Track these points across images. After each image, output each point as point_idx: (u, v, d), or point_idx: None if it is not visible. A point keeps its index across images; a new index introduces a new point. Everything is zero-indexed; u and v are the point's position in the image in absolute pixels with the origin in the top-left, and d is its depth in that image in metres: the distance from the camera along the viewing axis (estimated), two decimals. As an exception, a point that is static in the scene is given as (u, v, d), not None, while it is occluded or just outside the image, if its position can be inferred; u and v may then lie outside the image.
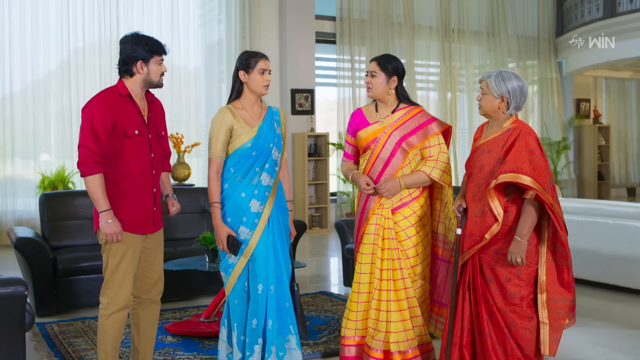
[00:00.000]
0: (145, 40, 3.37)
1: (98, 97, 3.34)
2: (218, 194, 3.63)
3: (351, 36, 11.12)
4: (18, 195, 8.90)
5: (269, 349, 3.58)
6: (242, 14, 10.24)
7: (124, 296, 3.39)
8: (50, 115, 9.16)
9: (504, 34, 12.54)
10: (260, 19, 10.45)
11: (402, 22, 11.54)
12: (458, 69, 12.25)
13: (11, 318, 3.40)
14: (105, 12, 9.39)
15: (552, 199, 3.22)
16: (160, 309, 5.23)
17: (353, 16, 11.12)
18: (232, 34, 10.26)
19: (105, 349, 3.40)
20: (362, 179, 3.75)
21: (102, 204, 3.28)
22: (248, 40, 10.28)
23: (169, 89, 9.82)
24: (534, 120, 13.21)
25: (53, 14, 9.13)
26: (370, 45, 11.26)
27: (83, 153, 3.27)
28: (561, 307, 3.32)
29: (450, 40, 12.05)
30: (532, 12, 12.97)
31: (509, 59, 12.74)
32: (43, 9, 9.08)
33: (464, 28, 12.20)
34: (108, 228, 3.29)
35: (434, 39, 11.94)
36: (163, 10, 9.89)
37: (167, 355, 4.23)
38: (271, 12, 10.56)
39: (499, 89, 3.37)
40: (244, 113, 3.70)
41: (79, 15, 9.24)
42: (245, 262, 3.62)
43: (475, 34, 12.36)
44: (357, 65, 11.23)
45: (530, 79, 13.26)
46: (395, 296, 3.70)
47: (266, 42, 10.50)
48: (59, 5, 9.13)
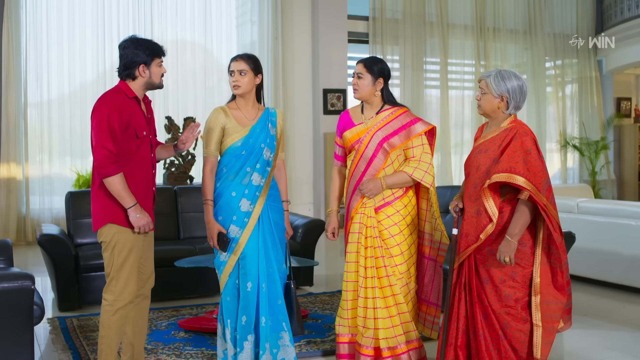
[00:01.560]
0: (146, 44, 3.47)
1: (109, 98, 3.42)
2: (211, 191, 3.75)
3: (384, 36, 11.11)
4: (55, 194, 9.18)
5: (263, 345, 3.66)
6: (274, 15, 10.33)
7: (130, 292, 3.50)
8: (86, 118, 9.42)
9: (541, 32, 12.34)
10: (293, 20, 10.53)
11: (435, 21, 11.47)
12: (493, 67, 12.10)
13: (19, 311, 3.54)
14: (140, 16, 9.61)
15: (546, 200, 3.20)
16: (178, 306, 5.43)
17: (386, 16, 11.11)
18: (265, 35, 10.37)
19: (110, 344, 3.50)
20: (330, 227, 3.99)
21: (128, 200, 3.40)
22: (280, 41, 10.38)
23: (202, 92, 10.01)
24: (573, 120, 12.97)
25: (89, 19, 9.39)
26: (404, 45, 11.24)
27: (102, 154, 3.33)
28: (554, 310, 3.29)
29: (486, 39, 11.92)
30: (570, 10, 12.72)
31: (546, 58, 12.53)
32: (79, 12, 9.34)
33: (499, 26, 12.06)
34: (140, 221, 3.43)
35: (469, 37, 11.83)
36: (197, 13, 10.06)
37: (175, 350, 4.33)
38: (304, 13, 10.63)
39: (499, 89, 3.36)
40: (238, 113, 3.80)
41: (114, 20, 9.48)
42: (236, 260, 3.72)
43: (511, 32, 12.20)
44: (390, 65, 11.15)
45: (570, 77, 13.02)
46: (381, 293, 3.76)
47: (298, 42, 10.59)
48: (94, 10, 9.39)
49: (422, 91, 11.44)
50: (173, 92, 9.87)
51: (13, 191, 8.92)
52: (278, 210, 3.87)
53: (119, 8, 9.51)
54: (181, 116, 9.49)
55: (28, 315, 3.58)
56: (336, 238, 4.02)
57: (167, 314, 5.19)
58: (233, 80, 3.76)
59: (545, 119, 12.51)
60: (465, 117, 11.96)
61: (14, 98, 8.87)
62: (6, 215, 8.87)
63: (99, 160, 3.34)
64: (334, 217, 4.03)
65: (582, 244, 6.08)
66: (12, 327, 3.54)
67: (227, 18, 10.42)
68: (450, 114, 11.75)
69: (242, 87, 3.76)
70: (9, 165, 8.89)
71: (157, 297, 5.59)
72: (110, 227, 3.44)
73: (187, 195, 6.43)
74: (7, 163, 8.88)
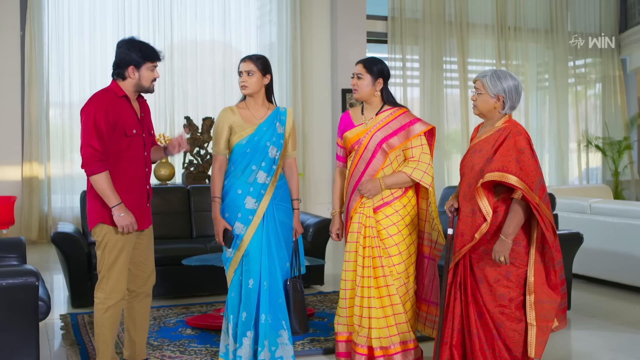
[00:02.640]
0: (139, 47, 3.53)
1: (97, 97, 3.49)
2: (219, 189, 3.85)
3: (403, 35, 11.10)
4: (76, 192, 9.33)
5: (262, 342, 3.72)
6: (293, 15, 10.39)
7: (120, 290, 3.58)
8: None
9: (563, 31, 12.22)
10: (312, 21, 10.58)
11: (454, 20, 11.43)
12: (515, 67, 12.02)
13: (24, 307, 3.62)
14: (159, 17, 9.74)
15: (539, 199, 3.20)
16: (188, 303, 5.51)
17: (405, 15, 11.11)
18: (284, 35, 10.43)
19: (105, 341, 3.58)
20: (334, 228, 4.04)
21: (112, 199, 3.46)
22: (299, 42, 10.43)
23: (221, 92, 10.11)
24: (596, 119, 12.82)
25: (110, 20, 9.56)
26: (423, 45, 11.21)
27: (87, 152, 3.41)
28: (548, 309, 3.29)
29: (507, 38, 11.84)
30: (593, 8, 12.56)
31: (569, 57, 12.40)
32: (100, 14, 9.51)
33: (520, 25, 11.97)
34: (123, 220, 3.48)
35: (490, 37, 11.77)
36: (216, 14, 10.16)
37: (180, 347, 4.40)
38: (323, 13, 10.68)
39: (495, 89, 3.37)
40: (246, 112, 3.89)
41: (134, 21, 9.63)
42: (240, 257, 3.80)
43: (532, 31, 12.09)
44: (409, 65, 11.21)
45: (593, 76, 12.86)
46: (377, 293, 3.79)
47: (317, 43, 10.64)
48: (115, 11, 9.55)
49: (442, 91, 11.41)
50: (192, 92, 10.00)
51: (35, 190, 9.11)
52: (285, 210, 3.93)
53: (139, 10, 9.66)
54: (200, 116, 9.60)
55: (33, 310, 3.67)
56: (340, 239, 4.05)
57: (176, 312, 5.27)
58: (241, 81, 3.86)
59: (567, 119, 12.39)
60: (486, 117, 11.87)
61: (37, 98, 9.06)
62: (28, 213, 9.06)
63: (84, 158, 3.42)
64: (337, 219, 4.07)
65: (594, 244, 6.04)
66: (17, 322, 3.62)
67: (246, 19, 10.50)
68: (470, 113, 11.69)
69: (250, 87, 3.84)
70: (31, 164, 9.08)
71: (168, 295, 5.72)
72: (101, 227, 3.52)
73: (200, 194, 6.52)
74: (30, 162, 9.07)
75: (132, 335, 3.81)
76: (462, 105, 11.56)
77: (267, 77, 3.90)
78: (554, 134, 12.24)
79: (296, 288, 3.90)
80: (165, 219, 6.30)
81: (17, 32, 9.06)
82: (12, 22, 9.05)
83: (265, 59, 3.92)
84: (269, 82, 3.92)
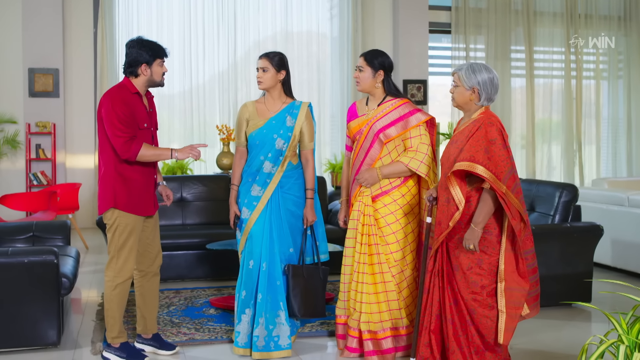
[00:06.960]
0: (149, 45, 3.85)
1: (113, 92, 3.83)
2: (237, 177, 4.23)
3: (466, 25, 11.03)
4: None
5: (258, 320, 3.98)
6: (354, 8, 10.55)
7: (128, 269, 3.91)
8: (173, 112, 10.15)
9: (637, 17, 11.74)
10: (374, 12, 10.70)
11: (520, 9, 11.23)
12: (585, 55, 11.69)
13: (45, 282, 4.05)
14: (223, 14, 10.15)
15: (507, 188, 3.27)
16: (220, 286, 5.83)
17: (469, 5, 11.03)
18: (345, 28, 10.60)
19: (113, 316, 3.93)
20: (341, 215, 4.28)
21: (164, 152, 3.83)
22: (360, 34, 10.58)
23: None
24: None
25: (176, 20, 10.08)
26: (487, 35, 11.11)
27: (119, 141, 3.72)
28: (518, 296, 3.36)
29: (577, 26, 11.52)
30: (672, -8, 12.02)
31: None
32: (167, 13, 10.02)
33: (592, 13, 11.61)
34: (185, 154, 3.80)
35: (558, 25, 11.49)
36: (278, 10, 10.45)
37: (197, 325, 4.71)
38: (385, 5, 10.78)
39: (470, 81, 3.46)
40: (262, 106, 4.20)
41: (200, 18, 10.10)
42: (245, 239, 4.10)
43: (605, 18, 11.69)
44: (472, 54, 11.13)
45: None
46: (372, 279, 3.93)
47: (379, 35, 10.76)
48: (181, 11, 10.08)
49: (509, 80, 11.26)
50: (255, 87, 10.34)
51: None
52: (294, 199, 4.17)
53: (204, 7, 10.09)
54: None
55: (55, 286, 4.08)
56: (347, 226, 4.22)
57: (208, 293, 5.60)
58: (257, 77, 4.15)
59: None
60: (554, 105, 11.64)
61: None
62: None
63: (119, 147, 3.73)
64: (344, 206, 4.25)
65: (632, 238, 5.92)
66: (41, 295, 4.06)
67: (307, 13, 10.73)
68: (536, 103, 11.49)
69: (264, 82, 4.13)
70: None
71: (206, 277, 6.06)
72: (112, 212, 3.85)
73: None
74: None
75: (142, 312, 4.14)
76: (528, 95, 11.36)
77: (282, 72, 4.13)
78: (627, 124, 11.83)
79: (297, 274, 4.11)
80: (209, 206, 6.67)
81: (90, 29, 9.72)
82: (86, 20, 9.72)
83: (282, 55, 4.17)
84: (284, 77, 4.16)
